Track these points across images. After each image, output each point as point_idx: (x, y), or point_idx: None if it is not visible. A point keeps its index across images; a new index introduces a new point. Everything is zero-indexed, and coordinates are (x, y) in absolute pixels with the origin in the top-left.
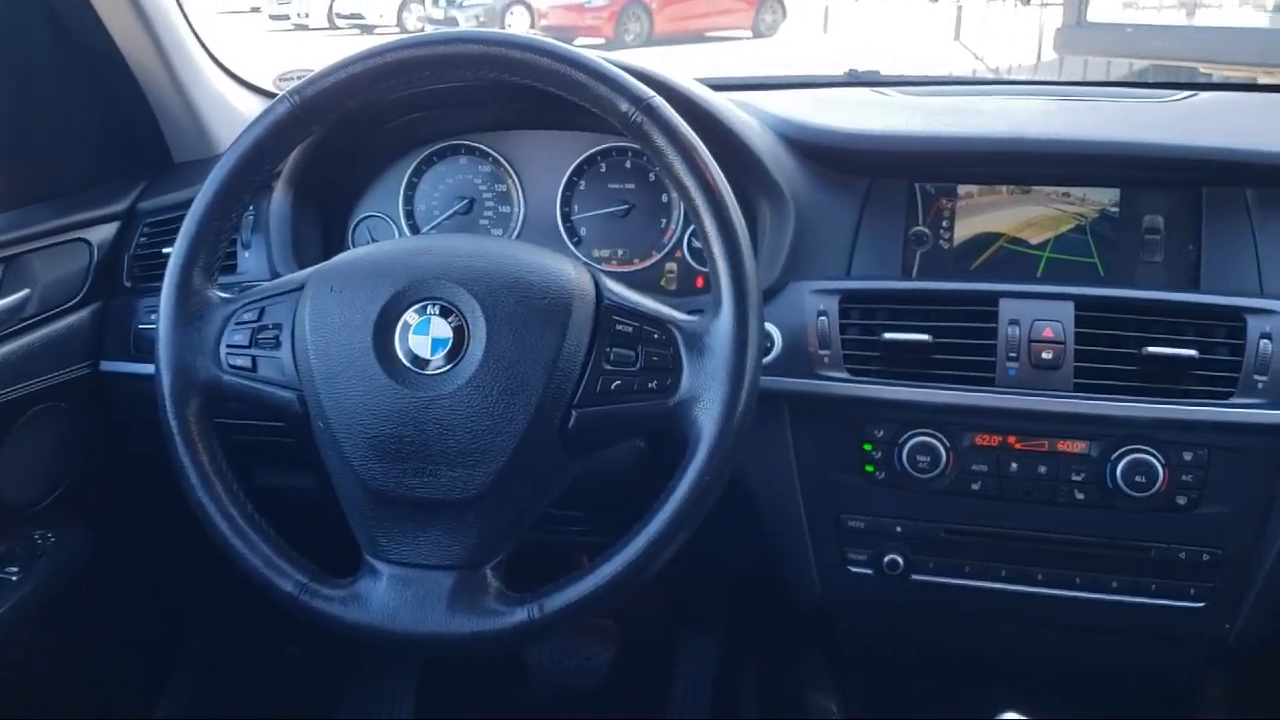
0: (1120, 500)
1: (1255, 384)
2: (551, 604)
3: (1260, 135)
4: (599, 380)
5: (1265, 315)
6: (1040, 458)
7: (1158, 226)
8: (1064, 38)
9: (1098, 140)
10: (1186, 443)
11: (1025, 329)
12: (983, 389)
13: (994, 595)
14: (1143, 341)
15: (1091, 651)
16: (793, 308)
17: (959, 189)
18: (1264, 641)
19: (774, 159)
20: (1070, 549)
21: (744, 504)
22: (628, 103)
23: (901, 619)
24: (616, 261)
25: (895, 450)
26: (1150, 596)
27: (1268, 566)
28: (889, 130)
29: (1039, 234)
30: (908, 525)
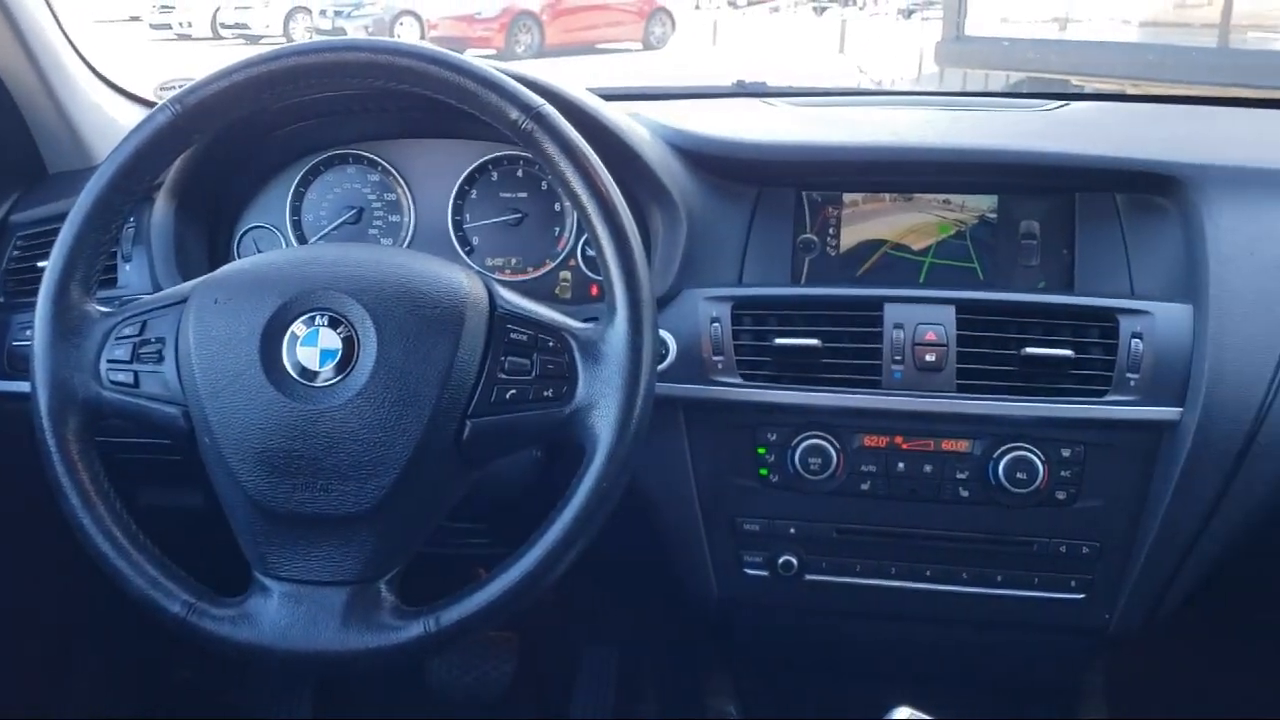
0: (1003, 497)
1: (1128, 381)
2: (448, 617)
3: (1128, 143)
4: (494, 389)
5: (1136, 315)
6: (926, 457)
7: (1034, 231)
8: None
9: (975, 148)
10: (1064, 440)
11: (909, 332)
12: (870, 391)
13: (885, 592)
14: (1021, 343)
15: (980, 645)
16: (687, 315)
17: (844, 197)
18: (1141, 629)
19: (665, 168)
20: (956, 545)
21: (641, 510)
22: (518, 110)
23: (797, 619)
24: (510, 270)
25: (788, 453)
26: (1033, 589)
27: (1142, 558)
28: (776, 140)
29: (921, 240)
30: (801, 526)
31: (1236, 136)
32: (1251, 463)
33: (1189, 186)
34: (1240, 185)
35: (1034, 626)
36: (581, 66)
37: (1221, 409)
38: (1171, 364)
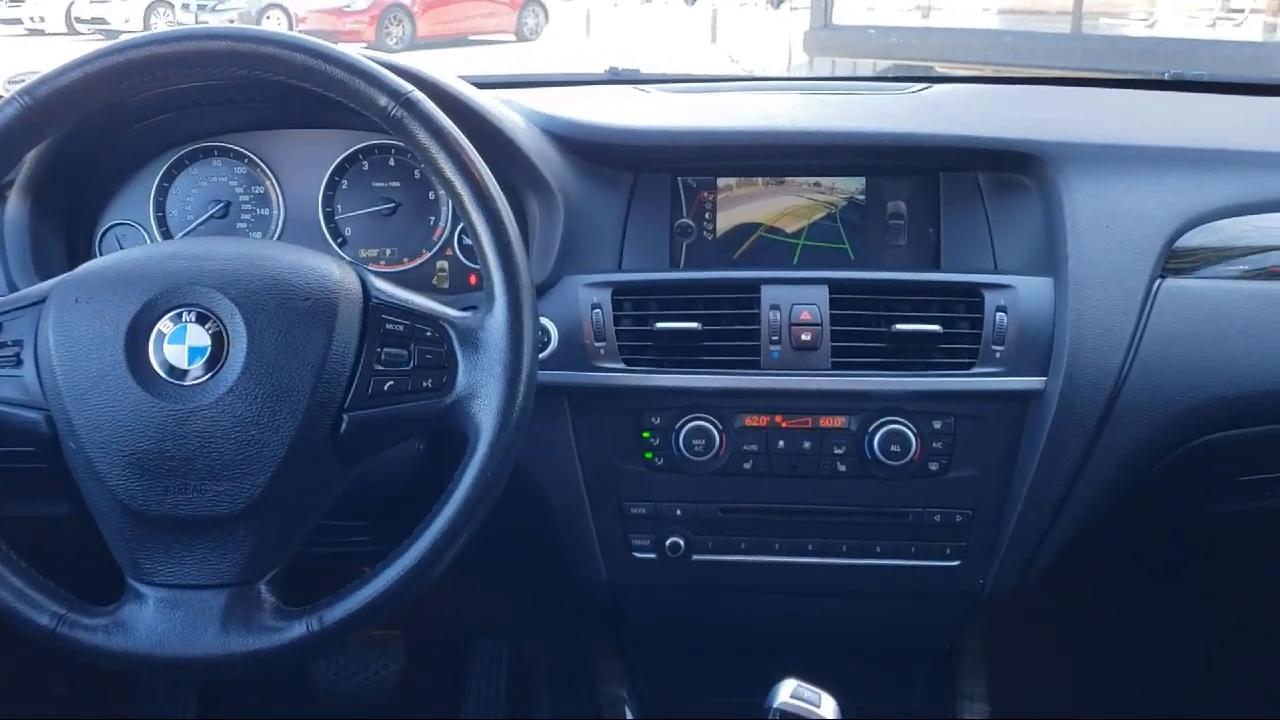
0: (879, 470)
1: (994, 354)
2: (331, 615)
3: (989, 123)
4: (370, 382)
5: (1000, 290)
6: (805, 434)
7: (901, 212)
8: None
9: (843, 131)
10: (935, 412)
11: (785, 313)
12: (749, 372)
13: (770, 568)
14: (891, 320)
15: (863, 614)
16: (567, 301)
17: (719, 182)
18: (1013, 592)
19: (540, 154)
20: (837, 518)
21: (528, 499)
22: (386, 97)
23: (685, 599)
24: (385, 262)
25: (672, 436)
26: (910, 558)
27: (1013, 523)
28: (651, 125)
29: (794, 223)
30: (687, 508)
31: (1091, 115)
32: (1112, 427)
33: (1047, 164)
34: (1095, 162)
35: (913, 594)
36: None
37: (1082, 377)
38: (1034, 335)
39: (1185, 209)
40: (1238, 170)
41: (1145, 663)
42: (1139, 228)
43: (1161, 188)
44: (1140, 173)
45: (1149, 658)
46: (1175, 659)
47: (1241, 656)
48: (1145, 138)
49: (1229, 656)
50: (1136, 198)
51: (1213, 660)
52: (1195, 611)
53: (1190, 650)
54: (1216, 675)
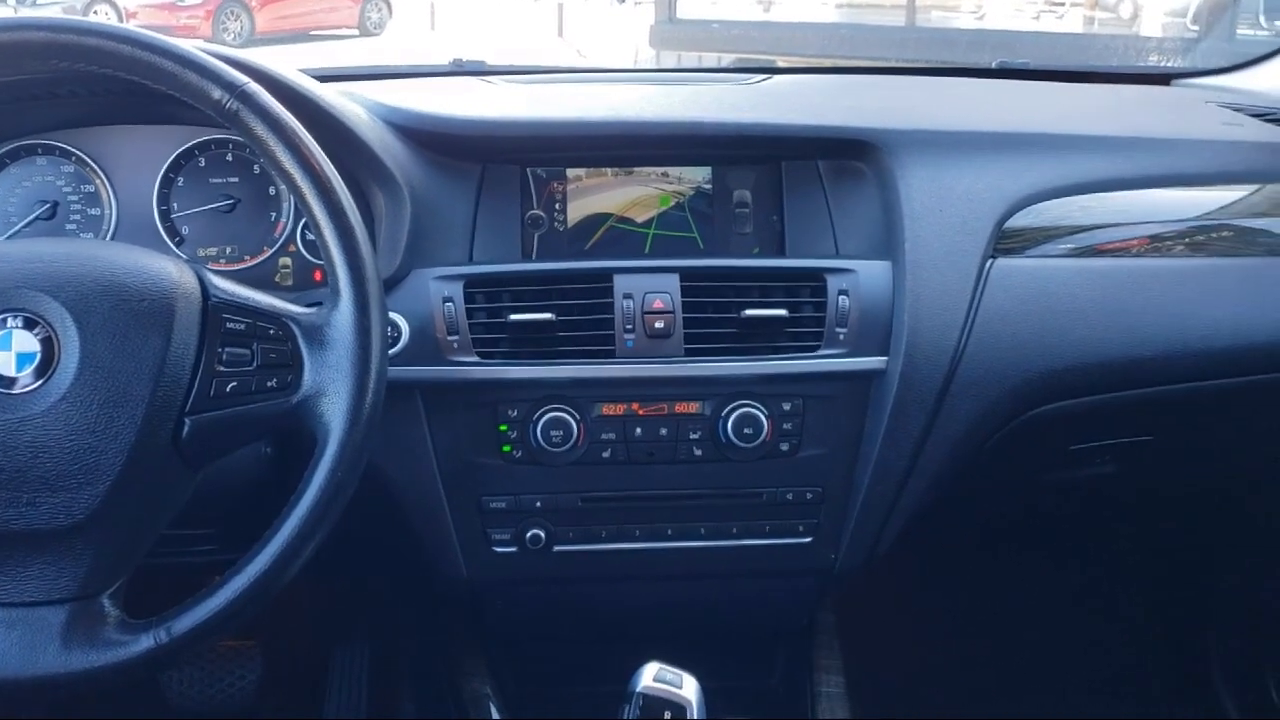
0: (733, 453)
1: (837, 336)
2: (180, 626)
3: (826, 112)
4: (212, 383)
5: (842, 274)
6: (661, 421)
7: (746, 200)
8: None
9: (686, 121)
10: (785, 394)
11: (638, 302)
12: (605, 361)
13: (631, 555)
14: (740, 305)
15: (723, 595)
16: (417, 295)
17: (568, 172)
18: (863, 566)
19: (385, 147)
20: (695, 502)
21: (383, 498)
22: (220, 90)
23: (547, 590)
24: (225, 260)
25: (529, 428)
26: (766, 537)
27: (860, 498)
28: (497, 116)
29: (644, 213)
30: (547, 499)
31: (924, 104)
32: (950, 403)
33: (883, 151)
34: (928, 148)
35: (769, 572)
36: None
37: (921, 356)
38: (875, 317)
39: (1013, 191)
40: (1061, 154)
41: (990, 629)
42: (970, 210)
43: (991, 172)
44: (971, 158)
45: (993, 624)
46: (1017, 624)
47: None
48: (975, 124)
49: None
50: (967, 182)
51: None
52: (1034, 578)
53: (1032, 615)
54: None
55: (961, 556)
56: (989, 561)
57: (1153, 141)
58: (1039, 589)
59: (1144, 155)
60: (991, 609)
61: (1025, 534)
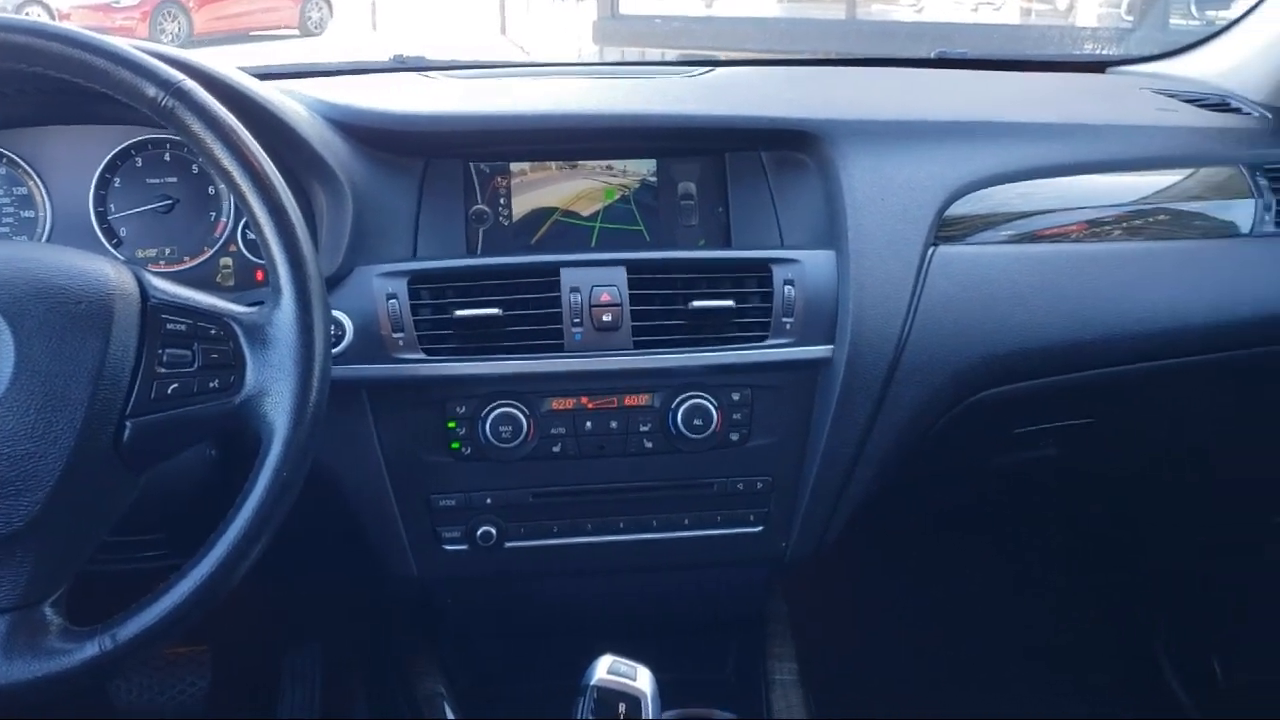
0: (683, 444)
1: (784, 325)
2: (125, 633)
3: (768, 103)
4: (153, 385)
5: (787, 264)
6: (611, 414)
7: (691, 192)
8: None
9: (629, 114)
10: (733, 385)
11: (585, 295)
12: (553, 355)
13: (583, 549)
14: (688, 297)
15: (676, 587)
16: (361, 293)
17: (512, 167)
18: (813, 554)
19: (325, 143)
20: (646, 494)
21: (330, 499)
22: (155, 88)
23: (499, 587)
24: (165, 261)
25: (478, 424)
26: (717, 527)
27: (809, 487)
28: (439, 111)
29: (589, 206)
30: (497, 496)
31: (864, 94)
32: (896, 389)
33: (825, 141)
34: (869, 138)
35: (721, 562)
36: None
37: (866, 343)
38: (821, 306)
39: (953, 180)
40: (999, 141)
41: (939, 614)
42: (912, 199)
43: (931, 160)
44: (911, 147)
45: (942, 609)
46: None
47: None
48: (915, 113)
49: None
50: (908, 171)
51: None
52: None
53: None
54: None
55: (910, 542)
56: (937, 546)
57: (1089, 128)
58: (986, 573)
59: (1080, 141)
60: (940, 593)
61: (972, 519)
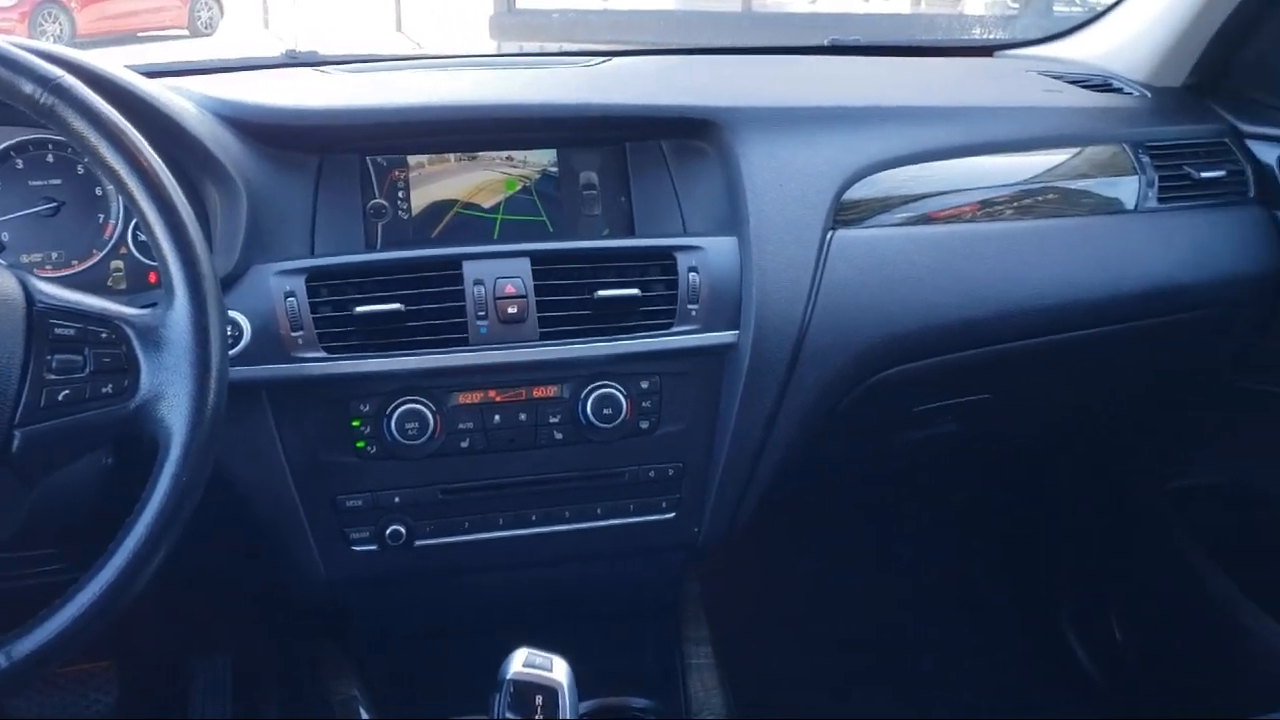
0: (593, 434)
1: (690, 312)
2: (20, 649)
3: (666, 92)
4: (42, 393)
5: (690, 251)
6: (520, 406)
7: (593, 182)
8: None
9: (528, 104)
10: (642, 373)
11: (489, 287)
12: (459, 349)
13: (496, 544)
14: (593, 287)
15: (590, 576)
16: (258, 292)
17: (410, 160)
18: (725, 537)
19: (216, 140)
20: (558, 486)
21: (233, 503)
22: (32, 84)
23: (411, 587)
24: (52, 266)
25: (384, 422)
26: (630, 516)
27: (719, 471)
28: (333, 105)
29: (491, 198)
30: (406, 494)
31: (761, 82)
32: (800, 372)
33: (723, 129)
34: (766, 124)
35: (635, 550)
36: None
37: (770, 328)
38: (725, 292)
39: (849, 164)
40: (893, 126)
41: (850, 591)
42: (809, 184)
43: (827, 146)
44: (807, 133)
45: (853, 586)
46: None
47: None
48: (810, 100)
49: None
50: (805, 156)
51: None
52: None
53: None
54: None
55: (818, 522)
56: (845, 525)
57: (979, 110)
58: (894, 548)
59: (970, 124)
60: (850, 571)
61: (877, 497)
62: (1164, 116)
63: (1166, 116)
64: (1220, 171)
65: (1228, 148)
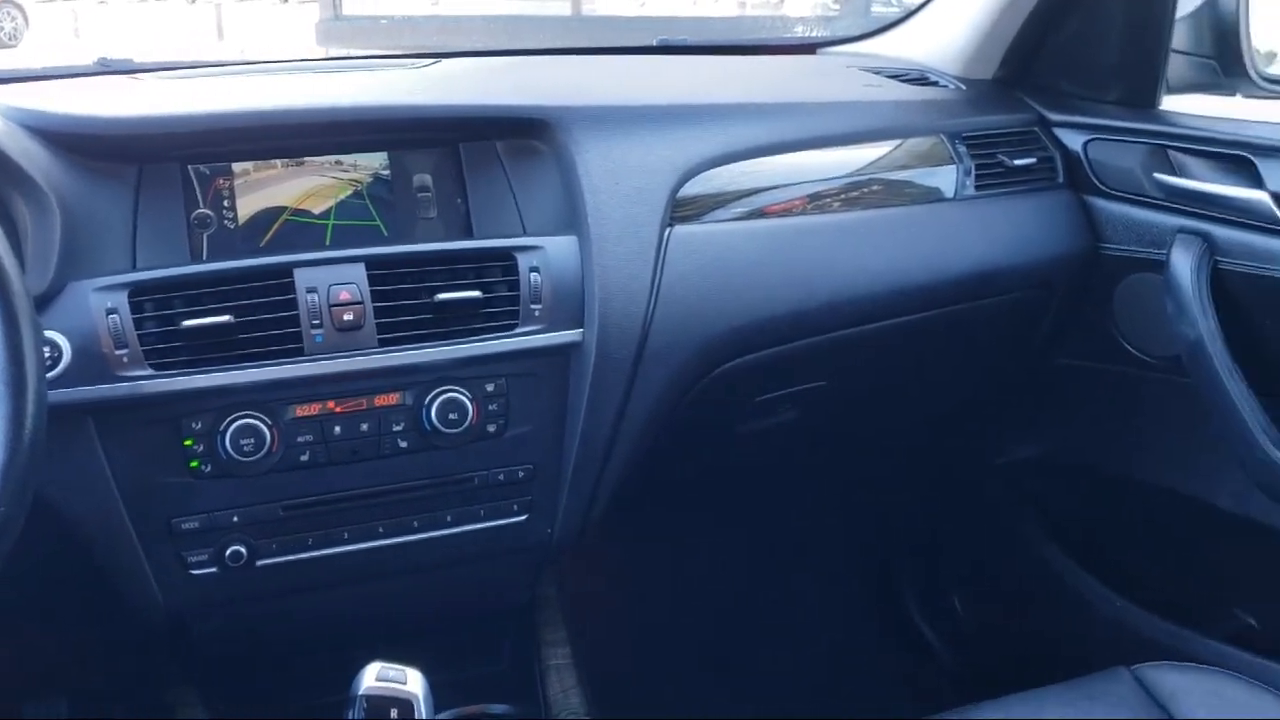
0: (440, 440)
1: (533, 312)
2: None
3: (499, 92)
4: None
5: (530, 251)
6: (361, 416)
7: (427, 184)
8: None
9: (356, 106)
10: (487, 375)
11: (323, 295)
12: (294, 360)
13: (343, 559)
14: (432, 290)
15: (443, 585)
16: (77, 311)
17: (234, 167)
18: (579, 536)
19: (23, 153)
20: (405, 495)
21: (60, 534)
22: None
23: (256, 608)
24: None
25: (217, 439)
26: (481, 521)
27: (570, 471)
28: (148, 113)
29: (321, 204)
30: (245, 513)
31: (594, 81)
32: (645, 368)
33: (557, 128)
34: (600, 123)
35: (488, 555)
36: None
37: (613, 325)
38: (568, 291)
39: (682, 161)
40: (722, 123)
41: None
42: (645, 182)
43: (661, 143)
44: (641, 131)
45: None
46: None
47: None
48: (642, 99)
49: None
50: (639, 154)
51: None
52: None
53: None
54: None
55: (670, 514)
56: (696, 518)
57: (804, 106)
58: (744, 538)
59: (797, 119)
60: (703, 561)
61: (727, 489)
62: (977, 108)
63: (980, 107)
64: (1031, 159)
65: (1037, 135)
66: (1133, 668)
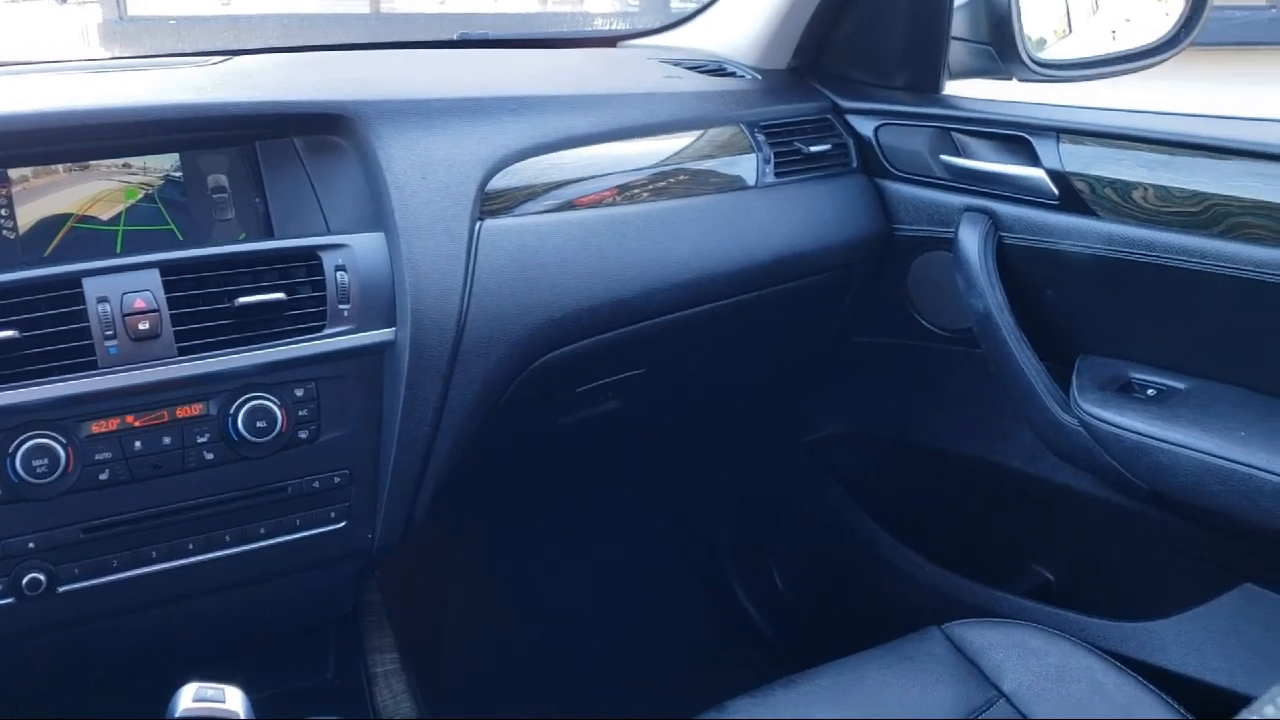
0: (248, 450)
1: (341, 313)
2: None
3: (295, 88)
4: None
5: (335, 250)
6: (163, 429)
7: (223, 184)
8: (109, 33)
9: (143, 106)
10: (295, 381)
11: (116, 304)
12: (86, 374)
13: (152, 579)
14: (233, 295)
15: (261, 599)
16: None
17: (10, 174)
18: (401, 540)
19: None
20: (215, 510)
21: None
22: None
23: (62, 637)
24: None
25: (6, 462)
26: (297, 531)
27: (389, 474)
28: None
29: (109, 209)
30: (42, 537)
31: (394, 76)
32: (462, 364)
33: (357, 123)
34: (403, 117)
35: (306, 565)
36: None
37: (428, 322)
38: (377, 290)
39: (488, 155)
40: (526, 116)
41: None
42: (453, 176)
43: (466, 137)
44: (445, 125)
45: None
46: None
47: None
48: (444, 92)
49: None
50: (445, 148)
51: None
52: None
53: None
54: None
55: (495, 511)
56: (521, 511)
57: (606, 98)
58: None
59: (601, 111)
60: (530, 556)
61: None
62: (773, 97)
63: (776, 97)
64: (826, 145)
65: (831, 123)
66: (943, 626)
